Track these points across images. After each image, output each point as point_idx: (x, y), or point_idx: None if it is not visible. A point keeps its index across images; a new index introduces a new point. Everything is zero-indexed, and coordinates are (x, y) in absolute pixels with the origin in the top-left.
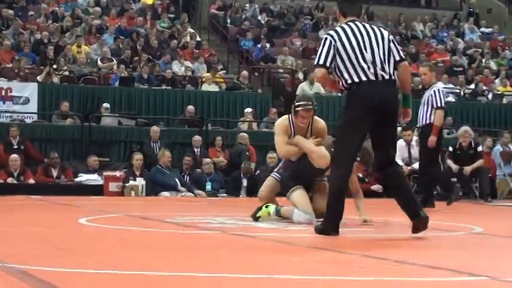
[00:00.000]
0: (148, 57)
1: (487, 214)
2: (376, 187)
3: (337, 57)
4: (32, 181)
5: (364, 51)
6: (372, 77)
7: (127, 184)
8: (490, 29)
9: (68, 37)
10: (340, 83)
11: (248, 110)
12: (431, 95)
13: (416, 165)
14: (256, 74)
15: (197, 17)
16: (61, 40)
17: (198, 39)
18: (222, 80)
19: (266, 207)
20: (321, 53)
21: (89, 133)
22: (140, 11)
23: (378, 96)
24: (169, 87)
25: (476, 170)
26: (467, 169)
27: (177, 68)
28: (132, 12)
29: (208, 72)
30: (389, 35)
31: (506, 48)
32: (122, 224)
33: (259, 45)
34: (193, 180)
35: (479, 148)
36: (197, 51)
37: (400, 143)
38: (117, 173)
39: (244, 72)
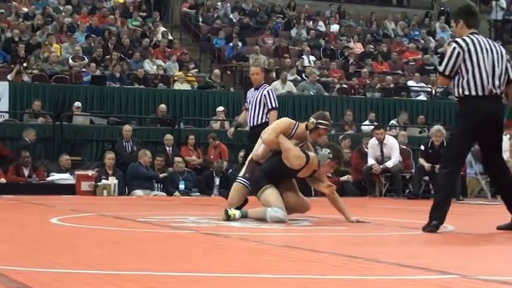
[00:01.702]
0: (120, 55)
1: (459, 212)
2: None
3: (462, 67)
4: (3, 180)
5: (486, 67)
6: (487, 93)
7: (99, 183)
8: None
9: (39, 35)
10: (455, 90)
11: (220, 108)
12: (265, 95)
13: (388, 164)
14: (228, 72)
15: (169, 15)
16: (32, 38)
17: (170, 37)
18: (194, 78)
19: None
20: (447, 62)
21: (60, 132)
22: (112, 10)
23: (488, 112)
24: (142, 86)
25: None
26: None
27: (149, 66)
28: (103, 11)
29: (180, 71)
30: (506, 54)
31: None
32: (95, 224)
33: (231, 44)
34: (167, 179)
35: None
36: (169, 49)
37: (373, 141)
38: (89, 172)
39: (216, 71)
